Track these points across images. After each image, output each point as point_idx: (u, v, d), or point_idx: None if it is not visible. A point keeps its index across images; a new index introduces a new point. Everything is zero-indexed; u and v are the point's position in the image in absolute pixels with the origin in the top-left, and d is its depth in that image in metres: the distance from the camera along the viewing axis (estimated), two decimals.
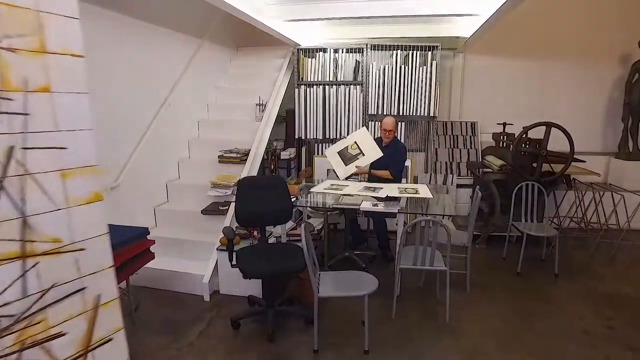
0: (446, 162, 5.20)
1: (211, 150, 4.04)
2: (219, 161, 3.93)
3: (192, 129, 4.37)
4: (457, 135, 5.29)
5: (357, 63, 4.78)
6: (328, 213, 3.69)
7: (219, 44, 4.90)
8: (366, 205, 2.87)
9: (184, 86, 4.09)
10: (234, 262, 2.54)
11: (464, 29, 4.43)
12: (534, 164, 3.92)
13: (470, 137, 5.27)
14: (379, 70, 4.67)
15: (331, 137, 4.76)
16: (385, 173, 3.64)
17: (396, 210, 2.79)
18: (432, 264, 2.69)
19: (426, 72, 4.63)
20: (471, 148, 5.24)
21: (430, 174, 5.02)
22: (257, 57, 5.17)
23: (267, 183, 2.85)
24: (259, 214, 2.77)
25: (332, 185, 3.65)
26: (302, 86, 4.72)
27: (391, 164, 3.66)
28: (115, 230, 2.75)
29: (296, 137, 4.79)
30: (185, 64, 4.14)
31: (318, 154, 4.87)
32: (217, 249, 3.12)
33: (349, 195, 3.31)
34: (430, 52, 4.64)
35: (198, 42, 4.38)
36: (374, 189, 3.46)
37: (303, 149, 4.79)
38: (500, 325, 2.75)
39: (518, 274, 3.50)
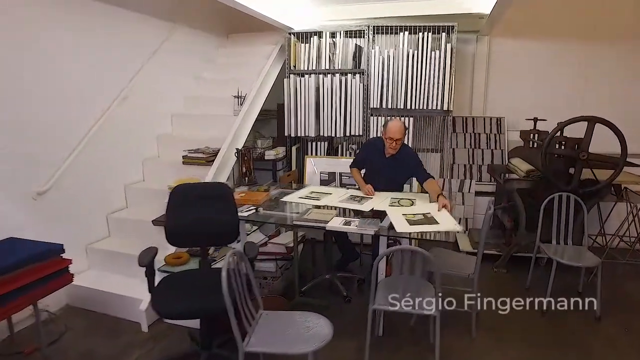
0: (465, 165, 4.41)
1: (185, 148, 3.52)
2: (183, 162, 3.39)
3: (163, 125, 3.86)
4: (479, 134, 4.47)
5: (358, 48, 4.09)
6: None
7: (203, 30, 4.38)
8: (335, 224, 2.21)
9: (152, 77, 3.58)
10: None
11: (484, 2, 3.63)
12: (571, 170, 3.09)
13: (495, 135, 4.44)
14: (383, 56, 3.96)
15: (326, 135, 4.11)
16: (437, 185, 2.84)
17: (372, 232, 2.11)
18: (418, 306, 2.00)
19: (439, 58, 3.86)
20: (496, 149, 4.41)
21: (444, 179, 4.24)
22: (249, 44, 4.60)
23: (208, 192, 2.25)
24: (195, 231, 2.19)
25: (312, 192, 3.02)
26: (292, 76, 4.09)
27: (418, 171, 2.94)
28: (18, 246, 2.30)
29: (285, 134, 4.18)
30: (152, 51, 3.62)
31: (311, 153, 4.23)
32: (158, 270, 2.57)
33: (325, 207, 2.67)
34: (444, 34, 3.86)
35: (170, 28, 3.86)
36: (360, 199, 2.80)
37: (293, 149, 4.17)
38: None
39: (544, 312, 2.70)
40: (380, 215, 2.46)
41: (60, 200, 2.77)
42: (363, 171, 3.16)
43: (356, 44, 4.08)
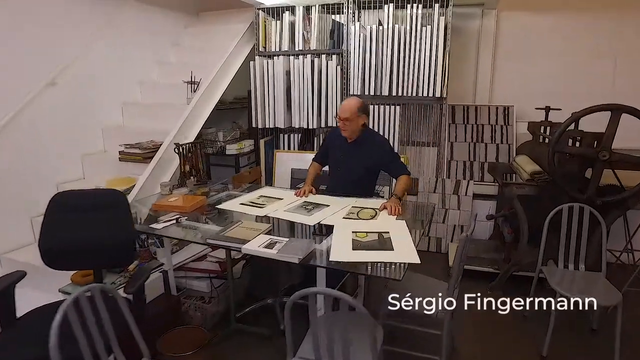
0: (465, 162, 3.76)
1: (137, 141, 3.05)
2: (119, 158, 2.93)
3: (112, 115, 3.40)
4: (482, 125, 3.81)
5: (336, 25, 3.50)
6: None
7: (167, 7, 3.87)
8: (254, 246, 1.68)
9: (95, 60, 3.12)
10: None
11: None
12: (587, 173, 2.44)
13: (502, 127, 3.77)
14: (365, 34, 3.35)
15: (297, 127, 3.56)
16: (404, 184, 2.31)
17: (295, 260, 1.57)
18: None
19: (432, 36, 3.22)
20: (502, 143, 3.74)
21: (437, 179, 3.63)
22: (221, 22, 4.07)
23: (97, 202, 1.76)
24: (78, 251, 1.71)
25: (260, 197, 2.49)
26: (259, 58, 3.54)
27: (388, 164, 2.41)
28: None
29: (253, 125, 3.66)
30: (97, 31, 3.15)
31: (282, 147, 3.69)
32: (59, 290, 2.12)
33: (264, 217, 2.14)
34: (437, 7, 3.21)
35: (117, 4, 3.36)
36: (313, 208, 2.25)
37: (261, 142, 3.65)
38: None
39: (543, 358, 2.10)
40: (326, 231, 1.92)
41: None
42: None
43: (333, 20, 3.49)
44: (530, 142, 3.25)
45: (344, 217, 2.09)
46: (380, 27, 3.31)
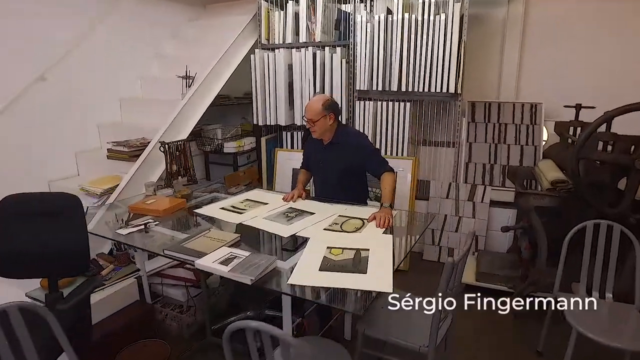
0: (484, 165, 3.41)
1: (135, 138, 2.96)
2: (107, 156, 2.83)
3: (110, 111, 3.32)
4: (505, 125, 3.43)
5: (343, 15, 3.24)
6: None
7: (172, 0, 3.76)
8: (206, 262, 1.49)
9: (90, 55, 3.04)
10: None
11: None
12: (621, 185, 2.07)
13: (528, 127, 3.38)
14: (373, 24, 3.07)
15: (300, 124, 3.34)
16: (390, 186, 2.08)
17: (248, 281, 1.36)
18: None
19: (445, 25, 2.90)
20: (527, 144, 3.35)
21: (451, 183, 3.31)
22: (226, 14, 3.91)
23: (45, 207, 1.63)
24: (25, 258, 1.59)
25: (244, 201, 2.31)
26: (259, 51, 3.34)
27: (368, 162, 2.19)
28: None
29: (254, 122, 3.48)
30: (90, 24, 3.07)
31: (284, 146, 3.49)
32: (26, 295, 2.03)
33: (239, 224, 1.95)
34: None
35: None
36: (296, 215, 2.05)
37: (262, 140, 3.46)
38: None
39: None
40: (301, 244, 1.70)
41: None
42: None
43: (339, 9, 3.23)
44: (557, 145, 2.87)
45: (324, 229, 1.86)
46: (390, 16, 3.03)
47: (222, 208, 2.19)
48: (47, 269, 1.64)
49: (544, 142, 3.26)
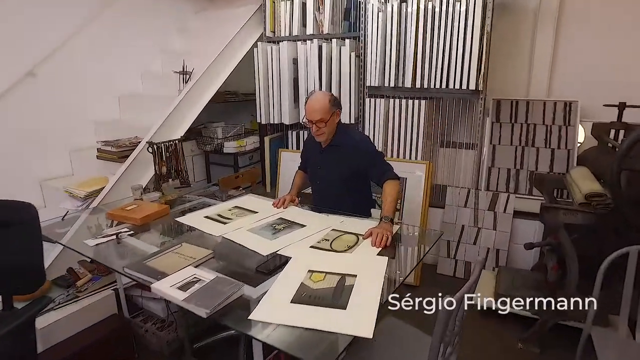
0: (509, 170, 3.06)
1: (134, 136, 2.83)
2: (97, 156, 2.69)
3: (108, 108, 3.19)
4: (534, 125, 3.07)
5: (352, 3, 2.97)
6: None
7: None
8: (163, 286, 1.28)
9: (86, 50, 2.92)
10: None
11: None
12: None
13: (560, 128, 3.00)
14: (385, 14, 2.79)
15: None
16: (392, 197, 1.83)
17: (203, 315, 1.14)
18: None
19: (466, 15, 2.58)
20: (559, 148, 2.98)
21: (470, 190, 2.98)
22: (233, 6, 3.70)
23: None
24: None
25: (232, 209, 2.09)
26: (261, 44, 3.12)
27: (370, 167, 1.94)
28: None
29: (257, 120, 3.26)
30: (88, 17, 2.93)
31: (289, 146, 3.26)
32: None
33: (220, 236, 1.74)
34: None
35: None
36: (284, 228, 1.82)
37: (266, 139, 3.24)
38: None
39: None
40: (279, 266, 1.46)
41: None
42: None
43: None
44: (595, 150, 2.50)
45: (311, 246, 1.62)
46: (404, 4, 2.73)
47: (207, 217, 1.99)
48: None
49: (578, 146, 2.88)
